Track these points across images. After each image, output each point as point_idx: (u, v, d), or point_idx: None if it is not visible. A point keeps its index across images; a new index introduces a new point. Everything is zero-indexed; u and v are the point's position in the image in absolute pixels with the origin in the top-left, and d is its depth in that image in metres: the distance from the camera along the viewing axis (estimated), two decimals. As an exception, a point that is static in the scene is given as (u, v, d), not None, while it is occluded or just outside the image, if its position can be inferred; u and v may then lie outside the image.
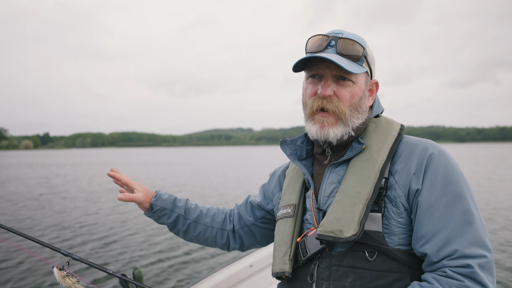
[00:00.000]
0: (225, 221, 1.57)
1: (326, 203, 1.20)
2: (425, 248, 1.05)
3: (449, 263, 1.00)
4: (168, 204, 1.49)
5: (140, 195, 1.44)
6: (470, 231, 1.01)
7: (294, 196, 1.33)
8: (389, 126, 1.23)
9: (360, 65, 1.18)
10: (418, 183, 1.09)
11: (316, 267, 1.16)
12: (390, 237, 1.10)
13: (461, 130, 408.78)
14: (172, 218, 1.49)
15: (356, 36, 1.19)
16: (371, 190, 1.10)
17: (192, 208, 1.54)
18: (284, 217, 1.30)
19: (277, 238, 1.29)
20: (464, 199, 1.05)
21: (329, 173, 1.22)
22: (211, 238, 1.55)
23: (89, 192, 17.12)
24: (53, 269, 1.31)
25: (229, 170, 30.91)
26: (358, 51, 1.16)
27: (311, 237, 1.19)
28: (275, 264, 1.25)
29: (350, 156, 1.19)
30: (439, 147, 1.15)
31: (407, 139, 1.20)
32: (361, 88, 1.20)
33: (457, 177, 1.08)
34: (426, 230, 1.05)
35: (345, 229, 1.06)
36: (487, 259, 0.99)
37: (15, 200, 14.45)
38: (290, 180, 1.40)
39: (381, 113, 1.30)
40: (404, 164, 1.13)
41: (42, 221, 10.35)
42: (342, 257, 1.11)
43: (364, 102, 1.22)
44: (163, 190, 1.52)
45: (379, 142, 1.18)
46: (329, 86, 1.17)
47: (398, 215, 1.10)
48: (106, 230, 9.18)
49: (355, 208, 1.08)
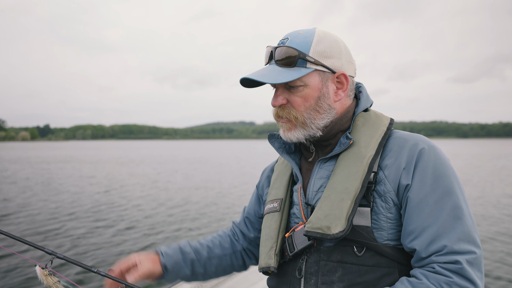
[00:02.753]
0: (232, 243, 1.53)
1: (314, 198, 1.19)
2: (414, 243, 1.04)
3: (438, 259, 1.01)
4: (177, 256, 1.42)
5: (147, 265, 1.34)
6: (459, 226, 1.02)
7: (281, 190, 1.31)
8: (378, 120, 1.21)
9: (302, 67, 1.14)
10: (408, 178, 1.08)
11: (305, 262, 1.16)
12: (378, 232, 1.09)
13: (464, 126, 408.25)
14: (188, 267, 1.43)
15: (299, 36, 1.16)
16: (359, 185, 1.09)
17: (198, 248, 1.48)
18: (270, 212, 1.30)
19: (263, 233, 1.29)
20: (454, 194, 1.05)
21: (318, 168, 1.21)
22: (229, 266, 1.52)
23: (79, 186, 16.21)
24: (36, 267, 1.31)
25: (227, 166, 28.75)
26: (290, 57, 1.14)
27: (298, 232, 1.18)
28: (261, 259, 1.25)
29: (339, 151, 1.17)
30: (429, 142, 1.13)
31: (397, 134, 1.19)
32: (315, 88, 1.16)
33: (447, 172, 1.08)
34: (415, 225, 1.05)
35: (333, 226, 1.06)
36: (476, 255, 1.00)
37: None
38: (278, 174, 1.39)
39: (370, 106, 1.27)
40: (394, 159, 1.12)
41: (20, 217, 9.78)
42: (331, 252, 1.12)
43: (325, 101, 1.17)
44: (158, 247, 1.46)
45: (367, 136, 1.16)
46: (279, 95, 1.18)
47: (387, 210, 1.09)
48: (90, 225, 8.95)
49: (343, 204, 1.07)
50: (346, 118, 1.21)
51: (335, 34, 1.20)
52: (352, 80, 1.23)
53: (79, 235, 8.06)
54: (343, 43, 1.20)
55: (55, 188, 15.45)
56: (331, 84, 1.18)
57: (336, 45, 1.17)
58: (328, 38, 1.17)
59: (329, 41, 1.17)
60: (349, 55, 1.21)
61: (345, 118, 1.21)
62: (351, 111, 1.23)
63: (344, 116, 1.21)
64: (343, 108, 1.22)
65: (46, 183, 17.21)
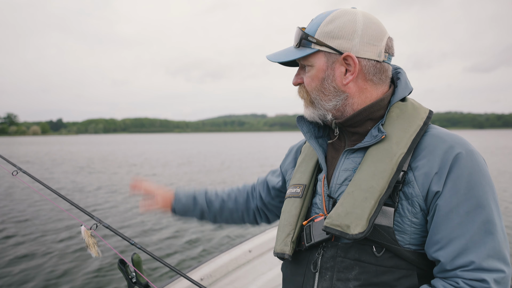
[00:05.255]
0: (248, 200, 1.60)
1: (337, 191, 1.14)
2: (439, 254, 0.99)
3: (463, 274, 0.96)
4: (188, 203, 1.57)
5: (159, 201, 1.56)
6: (490, 242, 0.96)
7: (306, 176, 1.26)
8: (415, 113, 1.12)
9: (307, 47, 1.13)
10: (439, 184, 1.00)
11: (321, 257, 1.12)
12: (401, 235, 1.04)
13: (479, 116, 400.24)
14: (197, 214, 1.58)
15: (318, 17, 1.14)
16: (386, 185, 1.02)
17: (213, 200, 1.58)
18: (292, 196, 1.26)
19: (283, 217, 1.26)
20: (487, 207, 0.98)
21: (344, 159, 1.15)
22: (239, 219, 1.61)
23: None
24: (81, 227, 1.50)
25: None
26: (297, 37, 1.14)
27: (317, 224, 1.14)
28: (277, 244, 1.22)
29: (368, 144, 1.10)
30: (468, 146, 1.04)
31: (434, 131, 1.08)
32: (320, 69, 1.13)
33: (483, 182, 1.00)
34: (442, 235, 1.00)
35: (353, 225, 1.01)
36: (505, 274, 0.96)
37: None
38: (304, 157, 1.34)
39: (409, 94, 1.18)
40: (426, 160, 1.03)
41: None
42: (348, 249, 1.07)
43: (329, 83, 1.13)
44: (180, 188, 1.62)
45: (401, 131, 1.08)
46: (298, 75, 1.20)
47: (413, 215, 1.03)
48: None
49: (366, 203, 1.02)
50: (378, 106, 1.13)
51: (367, 14, 1.12)
52: (375, 64, 1.12)
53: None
54: (365, 23, 1.09)
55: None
56: (339, 66, 1.11)
57: (350, 25, 1.09)
58: (343, 18, 1.10)
59: (343, 21, 1.10)
60: (370, 36, 1.10)
61: (377, 106, 1.13)
62: (386, 99, 1.14)
63: (376, 104, 1.13)
64: (365, 93, 1.13)
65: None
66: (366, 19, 1.10)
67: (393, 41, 1.15)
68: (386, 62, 1.13)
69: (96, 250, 1.48)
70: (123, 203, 10.29)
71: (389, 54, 1.13)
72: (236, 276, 2.69)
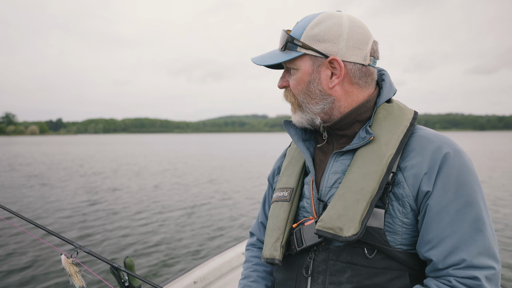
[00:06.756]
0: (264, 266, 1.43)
1: (328, 194, 1.13)
2: (431, 253, 1.00)
3: (455, 272, 0.97)
4: None
5: None
6: (480, 240, 0.98)
7: (293, 179, 1.25)
8: (401, 114, 1.14)
9: (293, 50, 1.12)
10: (429, 184, 1.02)
11: (312, 261, 1.12)
12: (392, 236, 1.04)
13: (480, 118, 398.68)
14: None
15: (303, 20, 1.14)
16: (377, 186, 1.02)
17: None
18: (279, 200, 1.25)
19: (270, 222, 1.24)
20: (476, 205, 1.00)
21: (333, 162, 1.15)
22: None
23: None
24: (61, 256, 1.42)
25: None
26: (283, 40, 1.14)
27: (308, 227, 1.14)
28: (265, 249, 1.20)
29: (357, 146, 1.10)
30: (455, 146, 1.06)
31: (421, 132, 1.10)
32: (306, 72, 1.13)
33: (471, 180, 1.02)
34: (433, 235, 1.01)
35: (346, 228, 1.01)
36: (495, 271, 0.97)
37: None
38: (290, 160, 1.33)
39: (393, 95, 1.20)
40: (415, 161, 1.04)
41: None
42: (340, 252, 1.07)
43: (315, 86, 1.13)
44: None
45: (389, 132, 1.09)
46: (283, 78, 1.19)
47: (404, 215, 1.04)
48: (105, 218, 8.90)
49: (358, 205, 1.02)
50: (365, 108, 1.14)
51: (352, 18, 1.11)
52: (361, 67, 1.12)
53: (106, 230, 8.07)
54: (350, 27, 1.09)
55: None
56: (324, 70, 1.11)
57: (336, 29, 1.09)
58: (329, 21, 1.10)
59: (329, 24, 1.10)
60: (356, 40, 1.10)
61: (363, 108, 1.13)
62: (372, 100, 1.15)
63: (363, 106, 1.13)
64: (351, 96, 1.14)
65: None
66: (352, 23, 1.09)
67: (378, 44, 1.14)
68: (371, 65, 1.12)
69: (79, 279, 1.41)
70: (94, 217, 9.11)
71: (374, 58, 1.13)
72: (229, 279, 2.69)
